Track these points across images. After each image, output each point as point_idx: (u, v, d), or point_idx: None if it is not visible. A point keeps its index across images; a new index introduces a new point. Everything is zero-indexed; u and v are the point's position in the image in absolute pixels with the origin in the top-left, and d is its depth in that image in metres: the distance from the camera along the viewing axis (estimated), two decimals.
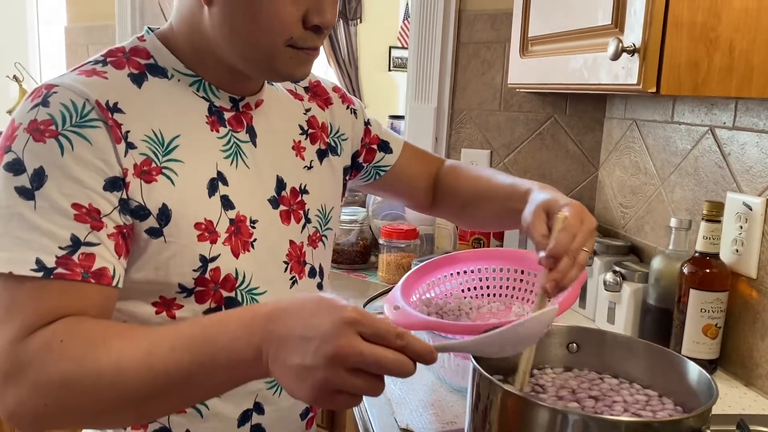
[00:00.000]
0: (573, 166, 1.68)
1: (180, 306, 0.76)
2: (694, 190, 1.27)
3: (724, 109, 1.18)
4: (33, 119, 0.68)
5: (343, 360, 0.54)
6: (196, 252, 0.74)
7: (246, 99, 0.83)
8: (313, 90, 0.96)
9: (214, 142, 0.79)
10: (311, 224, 0.88)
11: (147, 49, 0.78)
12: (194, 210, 0.74)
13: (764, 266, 1.08)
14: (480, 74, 1.72)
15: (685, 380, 0.73)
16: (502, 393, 0.67)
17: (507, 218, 0.96)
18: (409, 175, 1.08)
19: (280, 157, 0.86)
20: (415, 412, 0.97)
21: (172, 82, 0.77)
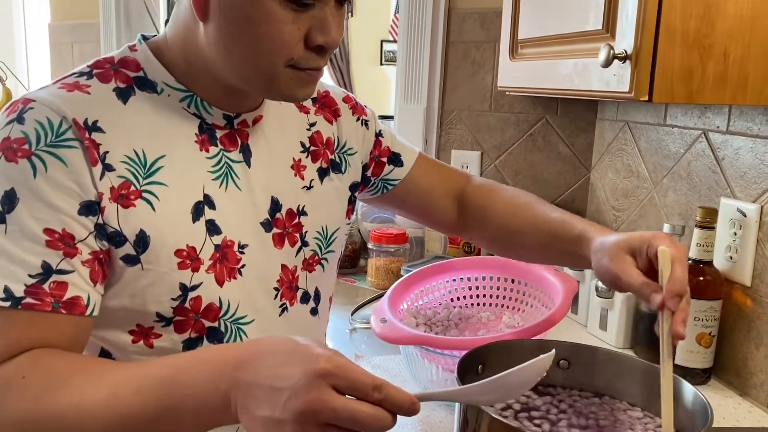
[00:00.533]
0: (565, 168, 1.66)
1: (158, 335, 0.72)
2: (687, 195, 1.25)
3: (717, 113, 1.16)
4: (6, 137, 0.64)
5: (314, 415, 0.51)
6: (175, 280, 0.70)
7: (242, 116, 0.77)
8: (322, 101, 0.90)
9: (203, 163, 0.74)
10: (308, 247, 0.83)
11: (137, 61, 0.73)
12: (175, 236, 0.70)
13: (759, 274, 1.06)
14: (470, 75, 1.69)
15: (680, 401, 0.71)
16: (489, 420, 0.65)
17: (556, 258, 0.90)
18: (424, 191, 0.99)
19: (277, 176, 0.81)
20: (404, 429, 0.94)
21: (162, 98, 0.73)
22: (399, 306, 1.08)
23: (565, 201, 1.67)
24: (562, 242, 0.85)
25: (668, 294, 0.68)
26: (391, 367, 1.15)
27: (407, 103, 1.77)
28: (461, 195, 1.00)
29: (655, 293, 0.69)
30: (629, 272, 0.72)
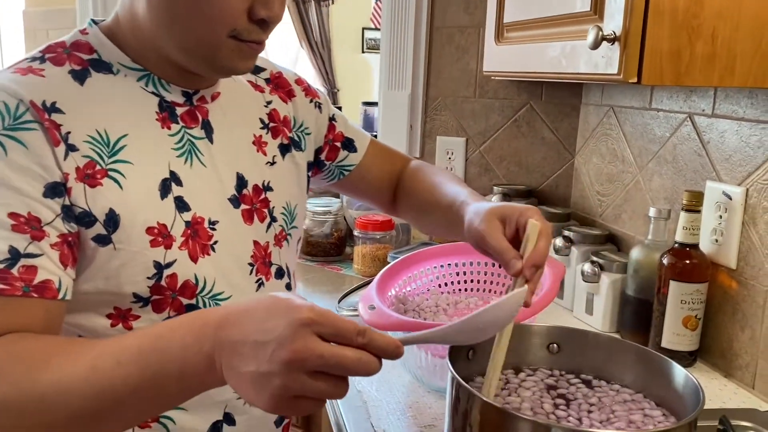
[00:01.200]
0: (549, 154, 1.65)
1: (136, 317, 0.71)
2: (672, 179, 1.25)
3: (702, 96, 1.16)
4: None
5: (301, 364, 0.52)
6: (149, 258, 0.70)
7: (201, 92, 0.78)
8: (275, 82, 0.91)
9: (166, 140, 0.74)
10: (277, 223, 0.84)
11: (90, 44, 0.73)
12: (145, 214, 0.70)
13: (744, 257, 1.06)
14: (454, 60, 1.67)
15: (670, 383, 0.71)
16: (481, 404, 0.64)
17: (449, 229, 0.92)
18: (375, 175, 1.03)
19: (240, 153, 0.81)
20: (393, 415, 0.94)
21: (118, 78, 0.73)
22: (387, 293, 1.07)
23: (550, 187, 1.67)
24: (451, 213, 0.88)
25: (528, 263, 0.71)
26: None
27: (391, 89, 1.76)
28: (397, 179, 1.04)
29: (515, 259, 0.72)
30: (495, 235, 0.75)
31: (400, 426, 0.91)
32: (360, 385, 1.02)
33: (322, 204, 1.68)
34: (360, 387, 1.02)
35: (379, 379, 1.04)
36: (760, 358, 1.04)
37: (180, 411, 0.75)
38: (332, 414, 0.98)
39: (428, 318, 1.06)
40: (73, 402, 0.57)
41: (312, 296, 1.44)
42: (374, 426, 0.91)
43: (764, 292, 1.02)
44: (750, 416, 0.94)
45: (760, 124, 1.03)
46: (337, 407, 0.97)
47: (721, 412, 0.91)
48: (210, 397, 0.75)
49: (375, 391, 1.00)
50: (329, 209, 1.67)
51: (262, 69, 0.90)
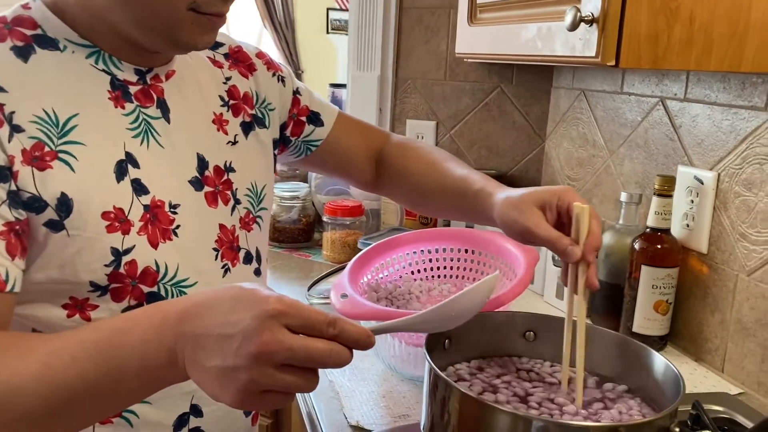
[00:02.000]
0: (519, 138, 1.64)
1: (94, 306, 0.67)
2: (644, 163, 1.25)
3: (675, 80, 1.16)
4: None
5: (269, 357, 0.49)
6: (106, 244, 0.66)
7: (154, 70, 0.74)
8: (234, 56, 0.87)
9: (120, 120, 0.70)
10: (241, 205, 0.80)
11: (33, 18, 0.68)
12: (100, 197, 0.66)
13: (715, 241, 1.07)
14: (424, 42, 1.64)
15: (649, 372, 0.70)
16: (460, 396, 0.63)
17: (463, 215, 0.90)
18: (345, 150, 0.98)
19: (199, 132, 0.77)
20: (366, 406, 0.92)
21: (66, 55, 0.68)
22: (359, 280, 1.05)
23: (520, 171, 1.66)
24: (464, 200, 0.86)
25: (588, 248, 0.70)
26: None
27: (360, 71, 1.72)
28: (379, 155, 1.00)
29: (573, 246, 0.70)
30: (542, 225, 0.72)
31: (374, 416, 0.89)
32: (332, 375, 0.99)
33: (289, 189, 1.64)
34: (332, 377, 0.99)
35: (352, 369, 1.01)
36: (729, 341, 1.04)
37: (144, 404, 0.72)
38: (303, 405, 0.95)
39: (401, 306, 1.04)
40: (25, 401, 0.54)
41: (280, 283, 1.40)
42: (347, 417, 0.89)
43: (734, 276, 1.03)
44: (721, 400, 0.95)
45: (732, 108, 1.03)
46: (309, 398, 0.95)
47: (693, 396, 0.91)
48: (176, 388, 0.71)
49: (347, 381, 0.98)
50: (297, 194, 1.63)
51: (220, 44, 0.86)
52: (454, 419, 0.64)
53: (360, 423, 0.87)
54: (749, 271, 1.00)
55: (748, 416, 0.90)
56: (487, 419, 0.61)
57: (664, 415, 0.60)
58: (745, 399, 0.98)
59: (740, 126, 1.01)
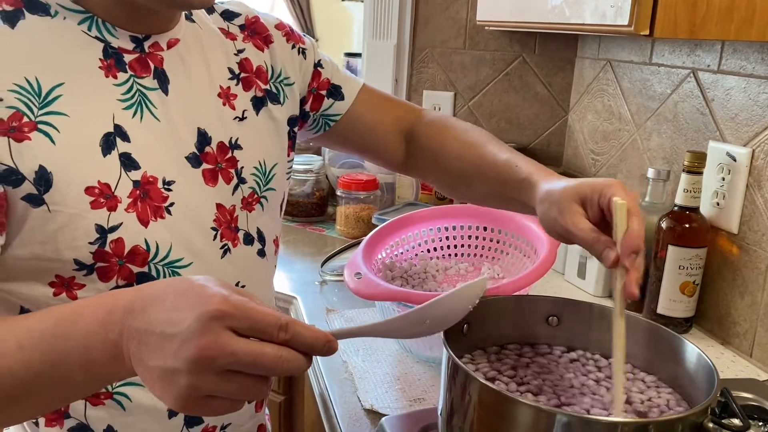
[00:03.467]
0: (542, 110, 1.59)
1: (81, 285, 0.64)
2: (672, 138, 1.19)
3: (708, 51, 1.09)
4: None
5: (209, 362, 0.45)
6: (90, 221, 0.62)
7: (153, 38, 0.69)
8: (251, 27, 0.81)
9: (110, 90, 0.65)
10: (246, 184, 0.76)
11: None
12: (83, 172, 0.62)
13: (747, 221, 1.02)
14: (443, 8, 1.58)
15: (683, 361, 0.66)
16: (480, 387, 0.59)
17: (505, 204, 0.83)
18: (371, 126, 0.91)
19: (202, 106, 0.73)
20: (380, 388, 0.89)
21: (57, 21, 0.64)
22: (373, 258, 1.01)
23: (542, 144, 1.60)
24: (507, 188, 0.79)
25: (624, 250, 0.61)
26: (365, 320, 1.09)
27: (376, 39, 1.66)
28: (410, 133, 0.92)
29: (609, 249, 0.62)
30: (580, 225, 0.65)
31: (388, 399, 0.86)
32: (345, 356, 0.97)
33: (302, 162, 1.60)
34: (345, 357, 0.97)
35: (366, 349, 0.99)
36: (759, 325, 1.00)
37: (137, 387, 0.69)
38: (316, 386, 0.93)
39: (417, 285, 1.01)
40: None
41: (293, 258, 1.38)
42: (361, 399, 0.86)
43: (766, 258, 0.98)
44: (750, 387, 0.91)
45: None
46: (322, 379, 0.92)
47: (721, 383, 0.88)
48: None
49: (361, 362, 0.96)
50: (310, 167, 1.59)
51: (236, 14, 0.81)
52: (473, 410, 0.61)
53: (374, 407, 0.84)
54: None
55: None
56: (508, 411, 0.57)
57: (698, 411, 0.56)
58: None
59: None
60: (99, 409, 0.69)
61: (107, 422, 0.69)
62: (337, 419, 0.83)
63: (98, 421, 0.68)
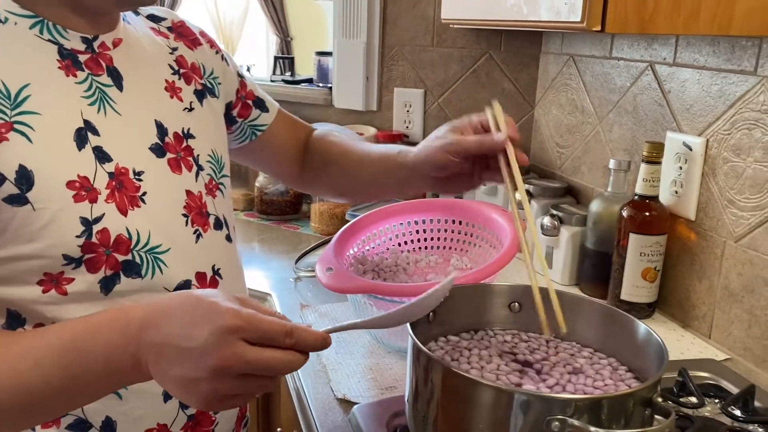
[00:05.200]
0: (509, 105, 1.62)
1: (70, 279, 0.66)
2: (632, 129, 1.23)
3: (664, 44, 1.13)
4: None
5: (227, 371, 0.53)
6: (75, 214, 0.64)
7: (100, 38, 0.72)
8: (178, 30, 0.86)
9: (74, 88, 0.68)
10: (204, 171, 0.79)
11: None
12: (63, 167, 0.64)
13: (703, 208, 1.06)
14: (411, 6, 1.61)
15: (636, 342, 0.69)
16: (442, 370, 0.62)
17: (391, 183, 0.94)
18: (282, 143, 1.00)
19: (154, 99, 0.76)
20: (352, 379, 0.91)
21: (8, 27, 0.65)
22: (345, 253, 1.04)
23: None
24: (390, 165, 0.92)
25: (512, 131, 0.80)
26: (337, 314, 1.12)
27: (346, 38, 1.69)
28: (304, 149, 1.02)
29: (498, 133, 0.80)
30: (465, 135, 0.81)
31: (360, 389, 0.89)
32: None
33: None
34: None
35: (339, 342, 1.01)
36: (716, 308, 1.04)
37: None
38: (290, 379, 0.95)
39: (388, 278, 1.03)
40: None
41: (269, 256, 1.40)
42: (334, 390, 0.89)
43: (722, 243, 1.02)
44: (708, 366, 0.95)
45: (722, 72, 1.01)
46: (296, 373, 0.94)
47: (680, 363, 0.92)
48: None
49: (334, 354, 0.98)
50: None
51: (162, 18, 0.85)
52: (437, 392, 0.64)
53: (347, 396, 0.87)
54: (737, 238, 1.00)
55: (734, 382, 0.90)
56: (469, 392, 0.60)
57: (647, 386, 0.59)
58: (732, 365, 0.98)
59: (729, 90, 1.00)
60: (96, 402, 0.70)
61: (105, 414, 0.70)
62: (311, 410, 0.85)
63: (96, 414, 0.70)
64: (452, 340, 0.76)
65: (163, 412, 0.73)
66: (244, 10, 5.55)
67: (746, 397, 0.84)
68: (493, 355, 0.73)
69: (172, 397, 0.74)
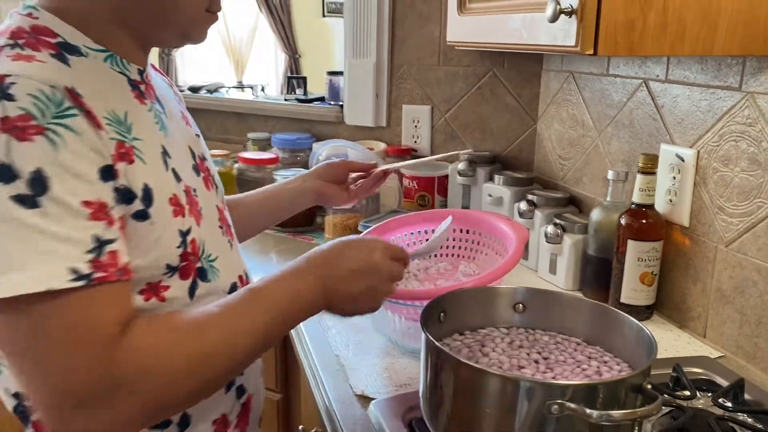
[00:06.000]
0: (512, 120, 1.70)
1: (167, 287, 0.73)
2: (629, 142, 1.30)
3: (657, 63, 1.21)
4: (4, 116, 0.60)
5: (390, 276, 0.81)
6: (175, 228, 0.73)
7: (145, 70, 0.79)
8: None
9: (148, 116, 0.75)
10: (219, 189, 0.91)
11: (47, 27, 0.69)
12: (165, 186, 0.73)
13: (696, 215, 1.13)
14: (418, 28, 1.69)
15: (628, 336, 0.76)
16: (453, 362, 0.69)
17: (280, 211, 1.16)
18: None
19: (180, 125, 0.85)
20: (370, 377, 0.98)
21: (90, 60, 0.70)
22: None
23: (514, 152, 1.71)
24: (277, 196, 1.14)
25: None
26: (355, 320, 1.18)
27: (356, 58, 1.77)
28: None
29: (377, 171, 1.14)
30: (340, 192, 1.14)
31: (377, 386, 0.96)
32: (337, 350, 1.06)
33: (291, 175, 1.69)
34: (337, 352, 1.06)
35: (356, 344, 1.08)
36: (710, 309, 1.11)
37: None
38: (311, 377, 1.02)
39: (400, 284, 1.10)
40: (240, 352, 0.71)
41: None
42: (353, 387, 0.96)
43: (714, 247, 1.09)
44: (701, 363, 1.02)
45: (710, 89, 1.08)
46: (317, 371, 1.01)
47: (676, 360, 0.98)
48: None
49: (352, 355, 1.05)
50: None
51: None
52: (449, 382, 0.70)
53: (365, 392, 0.94)
54: (727, 242, 1.06)
55: (726, 377, 0.97)
56: (479, 381, 0.67)
57: (638, 373, 0.66)
58: (725, 362, 1.05)
59: (717, 105, 1.07)
60: None
61: None
62: (332, 405, 0.92)
63: None
64: (461, 337, 0.83)
65: (224, 403, 0.83)
66: (252, 29, 5.67)
67: (736, 389, 0.90)
68: (499, 350, 0.80)
69: (231, 388, 0.84)
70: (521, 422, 0.65)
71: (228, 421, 0.84)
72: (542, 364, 0.77)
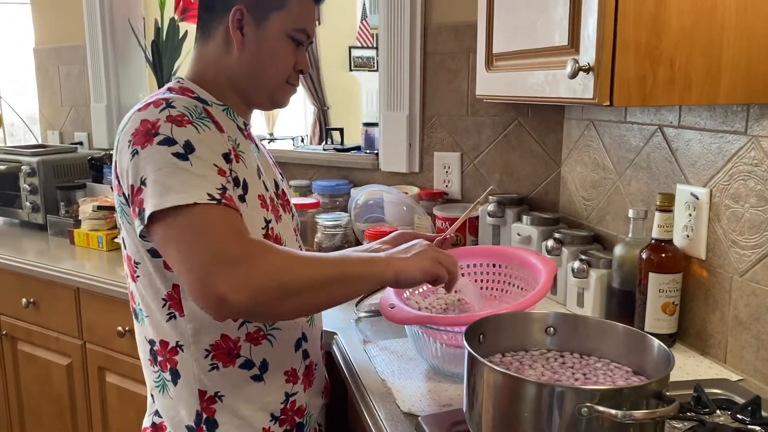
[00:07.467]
0: (538, 165, 1.81)
1: None
2: (648, 183, 1.41)
3: (670, 110, 1.32)
4: (169, 115, 0.96)
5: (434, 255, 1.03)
6: (261, 215, 1.07)
7: (248, 123, 1.18)
8: None
9: (250, 146, 1.13)
10: (295, 216, 1.25)
11: (189, 88, 1.10)
12: (256, 187, 1.08)
13: (712, 248, 1.22)
14: (447, 82, 1.84)
15: (648, 353, 0.86)
16: (492, 372, 0.79)
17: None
18: None
19: (270, 164, 1.23)
20: (414, 397, 1.08)
21: (215, 109, 1.08)
22: (403, 294, 1.22)
23: (540, 194, 1.83)
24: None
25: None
26: (396, 348, 1.29)
27: (390, 111, 1.91)
28: None
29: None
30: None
31: (423, 405, 1.05)
32: (383, 375, 1.16)
33: (332, 218, 1.83)
34: (383, 376, 1.16)
35: (401, 369, 1.18)
36: (729, 336, 1.19)
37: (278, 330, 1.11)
38: (362, 400, 1.12)
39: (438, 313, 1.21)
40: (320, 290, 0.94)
41: None
42: (399, 406, 1.05)
43: (729, 278, 1.18)
44: (721, 385, 1.09)
45: (719, 133, 1.19)
46: (368, 396, 1.11)
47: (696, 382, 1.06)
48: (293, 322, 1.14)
49: (397, 380, 1.15)
50: (339, 223, 1.82)
51: None
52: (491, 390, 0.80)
53: (411, 410, 1.04)
54: (741, 273, 1.15)
55: (745, 396, 1.04)
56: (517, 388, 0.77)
57: (657, 381, 0.75)
58: (745, 384, 1.12)
59: (726, 148, 1.18)
60: (258, 348, 1.09)
61: (262, 356, 1.09)
62: (383, 421, 1.02)
63: (257, 356, 1.09)
64: (499, 357, 0.93)
65: (294, 358, 1.13)
66: None
67: (753, 406, 0.98)
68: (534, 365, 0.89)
69: (300, 346, 1.15)
70: (556, 425, 0.74)
71: (297, 376, 1.14)
72: (571, 377, 0.87)
